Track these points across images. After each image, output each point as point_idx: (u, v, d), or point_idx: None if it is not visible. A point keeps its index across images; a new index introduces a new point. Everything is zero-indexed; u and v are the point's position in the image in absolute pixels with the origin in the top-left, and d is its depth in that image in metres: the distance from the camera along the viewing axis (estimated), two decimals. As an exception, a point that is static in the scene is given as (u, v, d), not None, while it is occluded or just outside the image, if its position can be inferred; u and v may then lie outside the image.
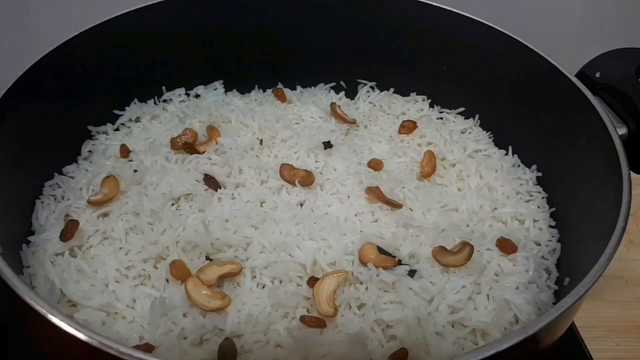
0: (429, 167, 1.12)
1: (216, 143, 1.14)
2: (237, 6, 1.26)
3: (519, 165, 1.17)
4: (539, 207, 1.08)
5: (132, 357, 0.61)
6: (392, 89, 1.35)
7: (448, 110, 1.31)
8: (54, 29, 1.11)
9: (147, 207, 1.00)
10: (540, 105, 1.11)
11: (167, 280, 0.90)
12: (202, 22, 1.25)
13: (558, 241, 1.03)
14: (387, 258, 0.92)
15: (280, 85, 1.34)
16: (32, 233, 1.00)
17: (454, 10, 1.19)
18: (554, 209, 1.08)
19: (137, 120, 1.24)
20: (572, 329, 1.09)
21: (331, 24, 1.28)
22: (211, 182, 1.05)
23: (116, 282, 0.91)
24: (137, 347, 0.81)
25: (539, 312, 0.91)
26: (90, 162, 1.14)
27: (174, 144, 1.12)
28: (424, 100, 1.33)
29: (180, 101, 1.28)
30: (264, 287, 0.90)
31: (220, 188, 1.05)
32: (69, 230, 0.95)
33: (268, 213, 1.01)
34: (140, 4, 1.17)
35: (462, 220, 1.04)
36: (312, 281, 0.89)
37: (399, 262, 0.93)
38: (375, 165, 1.12)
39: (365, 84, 1.36)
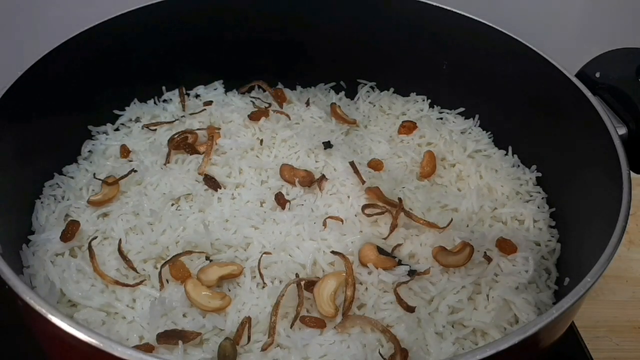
0: (429, 167, 1.12)
1: (216, 143, 1.14)
2: (237, 6, 1.26)
3: (518, 165, 1.17)
4: (539, 207, 1.08)
5: (132, 357, 0.61)
6: (392, 89, 1.35)
7: (448, 110, 1.31)
8: (54, 29, 1.11)
9: (147, 207, 1.01)
10: (540, 105, 1.11)
11: (167, 280, 0.90)
12: (202, 22, 1.25)
13: (558, 241, 1.03)
14: (387, 258, 0.92)
15: (280, 85, 1.34)
16: (32, 233, 1.00)
17: (454, 10, 1.19)
18: (554, 209, 1.08)
19: (137, 120, 1.24)
20: (572, 329, 1.09)
21: (331, 24, 1.28)
22: (211, 182, 1.05)
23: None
24: (137, 347, 0.81)
25: (539, 312, 0.91)
26: (90, 162, 1.14)
27: (174, 144, 1.12)
28: (424, 100, 1.33)
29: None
30: (264, 287, 0.90)
31: (220, 188, 1.06)
32: (70, 231, 0.95)
33: (268, 213, 1.01)
34: (140, 4, 1.17)
35: (462, 220, 1.04)
36: (310, 285, 0.88)
37: (399, 262, 0.93)
38: (375, 165, 1.12)
39: (365, 84, 1.36)
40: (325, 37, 1.30)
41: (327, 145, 1.16)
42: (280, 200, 1.03)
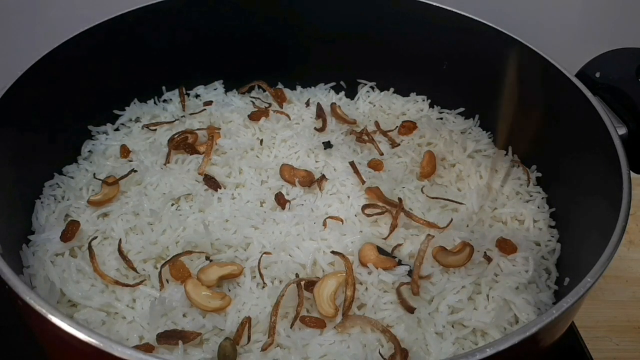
0: (429, 168, 1.12)
1: (216, 143, 1.14)
2: (237, 6, 1.26)
3: (519, 166, 1.17)
4: (539, 207, 1.08)
5: (132, 357, 0.61)
6: (392, 89, 1.35)
7: (448, 110, 1.31)
8: (54, 29, 1.11)
9: (147, 207, 1.01)
10: (540, 105, 1.11)
11: (167, 280, 0.90)
12: (202, 22, 1.25)
13: (558, 241, 1.03)
14: (387, 258, 0.92)
15: (280, 85, 1.35)
16: (32, 233, 1.00)
17: (454, 10, 1.19)
18: (554, 209, 1.08)
19: (137, 120, 1.24)
20: (572, 329, 1.09)
21: (331, 24, 1.28)
22: (211, 182, 1.05)
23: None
24: (137, 347, 0.81)
25: (539, 312, 0.91)
26: (90, 162, 1.14)
27: (174, 144, 1.12)
28: (424, 101, 1.33)
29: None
30: (264, 287, 0.90)
31: (220, 188, 1.06)
32: (70, 231, 0.95)
33: (268, 213, 1.01)
34: (140, 4, 1.17)
35: (462, 220, 1.04)
36: (310, 285, 0.88)
37: (399, 262, 0.93)
38: (375, 165, 1.12)
39: (365, 84, 1.36)
40: (325, 37, 1.30)
41: (327, 145, 1.16)
42: (280, 200, 1.03)
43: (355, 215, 1.01)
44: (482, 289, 0.92)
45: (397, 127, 1.23)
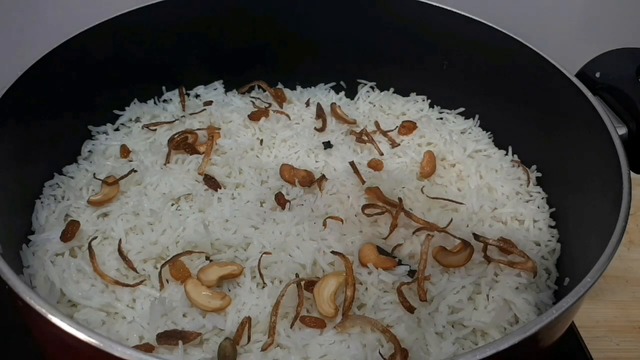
0: (429, 168, 1.12)
1: (216, 143, 1.14)
2: (237, 6, 1.26)
3: (519, 166, 1.17)
4: (539, 207, 1.08)
5: (132, 357, 0.61)
6: (392, 89, 1.35)
7: (448, 110, 1.31)
8: (54, 29, 1.11)
9: (147, 207, 1.01)
10: (540, 105, 1.11)
11: (167, 280, 0.90)
12: (202, 22, 1.25)
13: (558, 241, 1.03)
14: (387, 259, 0.92)
15: (280, 85, 1.35)
16: (32, 233, 1.00)
17: (454, 10, 1.19)
18: (554, 209, 1.08)
19: (137, 120, 1.24)
20: (572, 329, 1.09)
21: (331, 24, 1.28)
22: (211, 182, 1.05)
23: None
24: (137, 347, 0.81)
25: (539, 312, 0.91)
26: (90, 162, 1.14)
27: (174, 144, 1.12)
28: (424, 101, 1.33)
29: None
30: (264, 287, 0.90)
31: (220, 188, 1.06)
32: (70, 230, 0.95)
33: (268, 213, 1.01)
34: (140, 3, 1.17)
35: (462, 220, 1.04)
36: (310, 285, 0.89)
37: (399, 263, 0.93)
38: (375, 165, 1.12)
39: (365, 84, 1.36)
40: (325, 37, 1.30)
41: (327, 145, 1.16)
42: (280, 200, 1.03)
43: (355, 215, 1.01)
44: (482, 289, 0.92)
45: (397, 127, 1.24)
